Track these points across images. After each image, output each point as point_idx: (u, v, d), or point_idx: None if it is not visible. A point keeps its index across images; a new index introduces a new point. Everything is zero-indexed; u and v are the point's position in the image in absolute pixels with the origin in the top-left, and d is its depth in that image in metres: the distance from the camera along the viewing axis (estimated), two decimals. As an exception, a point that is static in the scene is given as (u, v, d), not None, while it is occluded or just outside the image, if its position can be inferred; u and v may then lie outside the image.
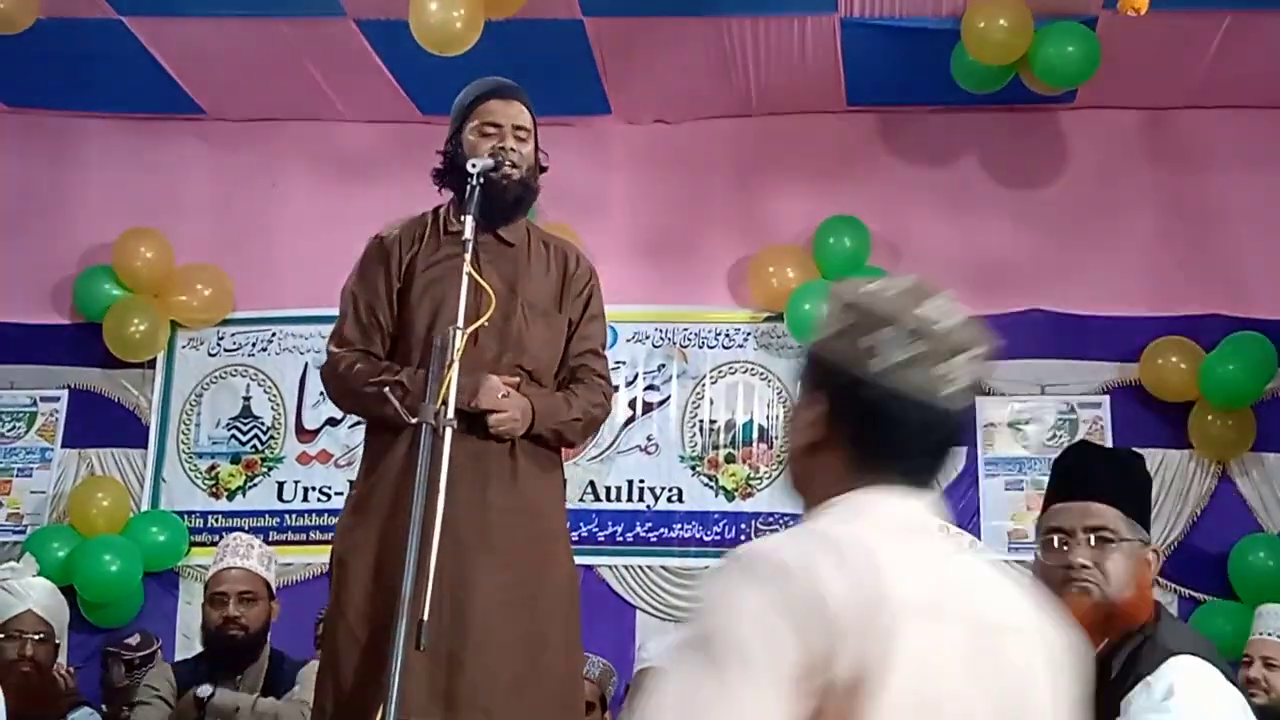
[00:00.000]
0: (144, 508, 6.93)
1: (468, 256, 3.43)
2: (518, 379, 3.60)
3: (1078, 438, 6.62)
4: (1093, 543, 2.88)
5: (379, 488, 3.56)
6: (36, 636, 4.86)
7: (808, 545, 1.71)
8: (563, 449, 3.82)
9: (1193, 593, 6.31)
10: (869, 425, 1.85)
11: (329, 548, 6.84)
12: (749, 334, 6.98)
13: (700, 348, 6.97)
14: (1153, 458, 6.00)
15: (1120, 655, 2.81)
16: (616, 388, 4.01)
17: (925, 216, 6.99)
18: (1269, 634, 4.93)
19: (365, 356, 3.69)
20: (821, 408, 1.88)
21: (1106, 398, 6.70)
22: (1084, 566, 2.87)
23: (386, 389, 3.46)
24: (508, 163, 3.64)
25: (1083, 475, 2.99)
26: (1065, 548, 2.87)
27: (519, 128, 3.73)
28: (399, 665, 3.01)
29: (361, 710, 3.23)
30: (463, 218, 3.48)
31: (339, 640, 3.46)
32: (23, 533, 6.87)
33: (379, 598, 3.39)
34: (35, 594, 5.01)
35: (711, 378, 6.94)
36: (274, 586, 5.03)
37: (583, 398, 3.72)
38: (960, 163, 7.06)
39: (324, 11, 6.28)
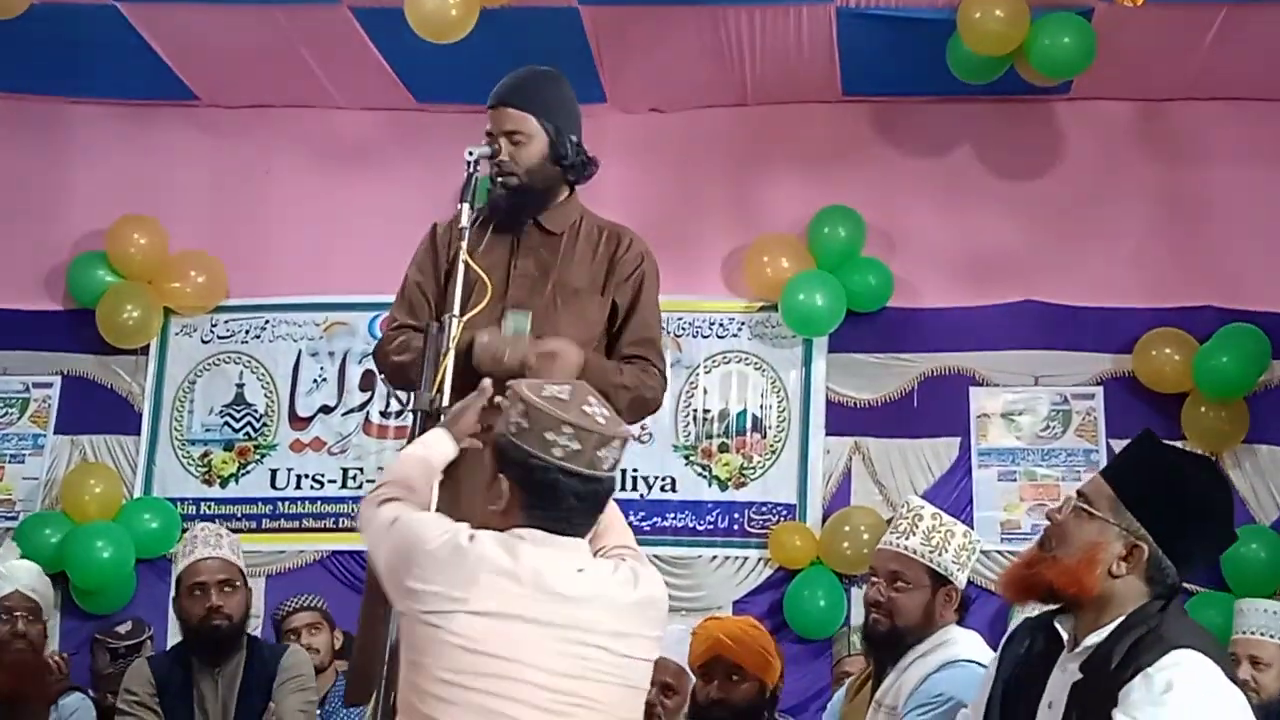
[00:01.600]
0: (136, 494, 6.93)
1: (464, 245, 3.43)
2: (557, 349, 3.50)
3: (1070, 429, 6.64)
4: (1072, 506, 2.95)
5: None
6: (28, 615, 4.87)
7: (449, 523, 2.77)
8: None
9: (1185, 585, 6.31)
10: (543, 495, 2.71)
11: (322, 536, 6.94)
12: (743, 323, 6.98)
13: (695, 337, 6.96)
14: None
15: (1122, 644, 2.80)
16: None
17: (920, 207, 6.99)
18: (1253, 632, 4.88)
19: (408, 332, 3.66)
20: (508, 485, 2.73)
21: (1100, 389, 6.71)
22: (1049, 523, 3.00)
23: (382, 377, 3.45)
24: (499, 173, 3.62)
25: (1119, 453, 3.08)
26: None
27: (512, 133, 3.66)
28: (388, 653, 3.02)
29: (367, 683, 3.28)
30: (460, 205, 3.47)
31: (366, 610, 3.48)
32: (15, 519, 6.87)
33: None
34: (21, 575, 5.01)
35: (706, 367, 6.94)
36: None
37: (634, 373, 3.66)
38: (955, 153, 7.05)
39: (319, -2, 6.27)
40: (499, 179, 3.63)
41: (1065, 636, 2.97)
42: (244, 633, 4.79)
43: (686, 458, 6.85)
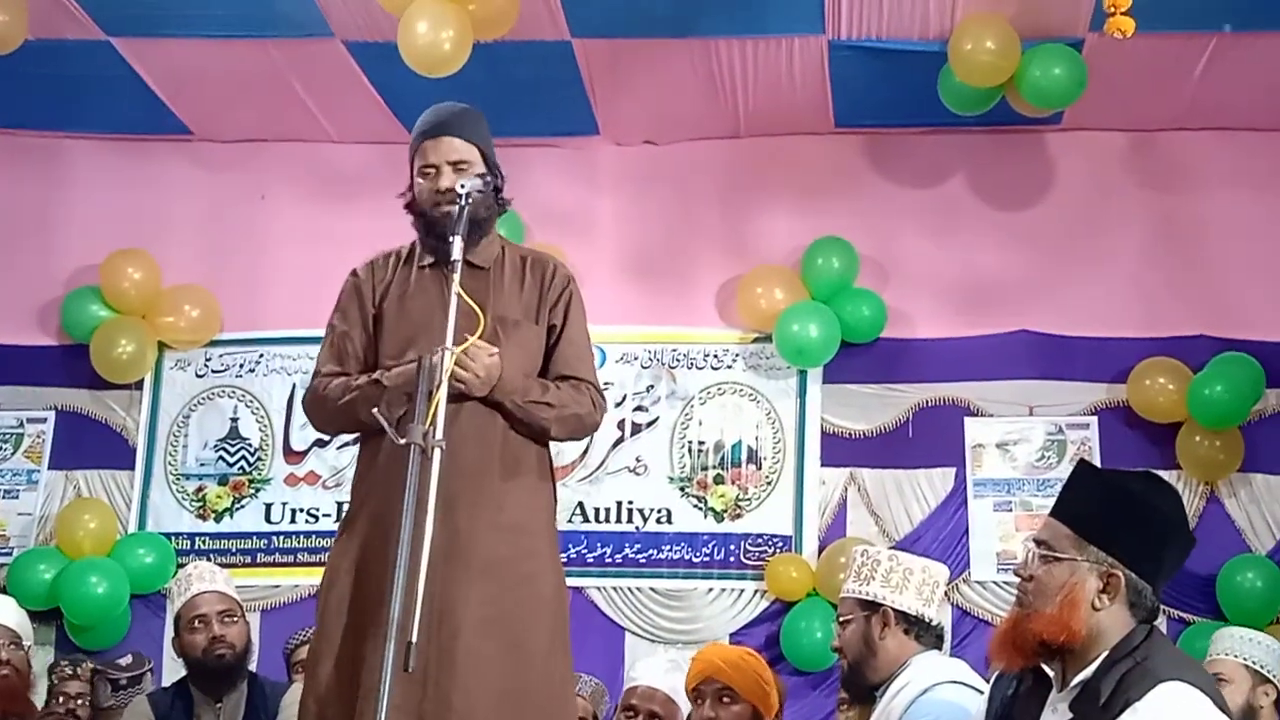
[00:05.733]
0: (131, 529, 6.91)
1: (456, 277, 3.42)
2: (497, 350, 3.55)
3: (1065, 459, 6.63)
4: (1036, 557, 2.96)
5: (365, 504, 3.58)
6: (8, 644, 4.90)
7: None
8: (551, 462, 3.76)
9: (1181, 614, 6.32)
10: None
11: (316, 570, 6.89)
12: (738, 355, 6.98)
13: (689, 368, 6.96)
14: (1141, 479, 6.00)
15: (1109, 680, 2.79)
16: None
17: (913, 237, 7.00)
18: (1222, 655, 5.00)
19: (342, 377, 3.68)
20: None
21: (1094, 419, 6.70)
22: (1019, 577, 3.00)
23: (376, 410, 3.44)
24: (444, 203, 3.64)
25: (1061, 492, 3.05)
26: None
27: (455, 162, 3.70)
28: (386, 688, 2.99)
29: None
30: (451, 238, 3.47)
31: (319, 663, 3.47)
32: (9, 555, 6.85)
33: (356, 616, 3.40)
34: None
35: (700, 398, 6.94)
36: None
37: (564, 392, 3.66)
38: (948, 184, 7.07)
39: (312, 33, 6.28)
40: (441, 208, 3.64)
41: (1053, 676, 2.96)
42: (246, 665, 4.80)
43: (682, 489, 6.84)
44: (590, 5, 6.08)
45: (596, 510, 6.82)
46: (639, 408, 6.93)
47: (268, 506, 6.97)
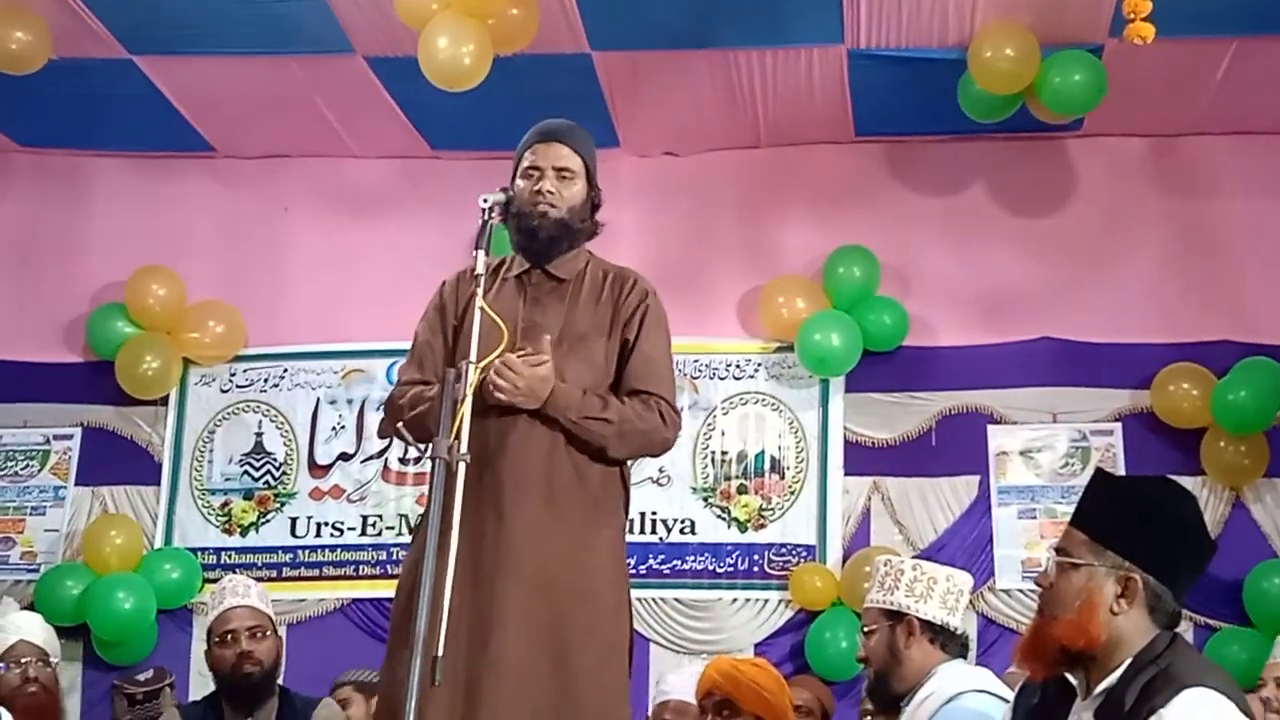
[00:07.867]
0: (157, 545, 6.94)
1: (480, 291, 3.44)
2: (545, 360, 3.53)
3: (1090, 465, 6.61)
4: (1054, 564, 2.96)
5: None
6: (36, 661, 4.92)
7: None
8: (624, 479, 3.72)
9: (1208, 620, 6.29)
10: None
11: (342, 583, 6.94)
12: (760, 365, 6.98)
13: (711, 379, 6.97)
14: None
15: (1133, 687, 2.79)
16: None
17: (934, 245, 7.00)
18: None
19: (418, 386, 3.68)
20: None
21: (1119, 425, 6.69)
22: (1040, 587, 3.00)
23: (400, 424, 3.46)
24: (543, 204, 3.66)
25: (1079, 500, 3.07)
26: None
27: (561, 169, 3.73)
28: (413, 703, 3.00)
29: None
30: (475, 252, 3.49)
31: (389, 668, 3.49)
32: (36, 571, 6.88)
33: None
34: (24, 625, 5.09)
35: (723, 409, 6.94)
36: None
37: (628, 408, 3.62)
38: (968, 191, 7.07)
39: (333, 49, 6.31)
40: (538, 208, 3.66)
41: (1077, 685, 2.96)
42: (275, 680, 4.81)
43: (705, 500, 6.85)
44: (609, 18, 6.10)
45: (620, 521, 6.82)
46: (662, 418, 6.93)
47: (293, 521, 6.99)
